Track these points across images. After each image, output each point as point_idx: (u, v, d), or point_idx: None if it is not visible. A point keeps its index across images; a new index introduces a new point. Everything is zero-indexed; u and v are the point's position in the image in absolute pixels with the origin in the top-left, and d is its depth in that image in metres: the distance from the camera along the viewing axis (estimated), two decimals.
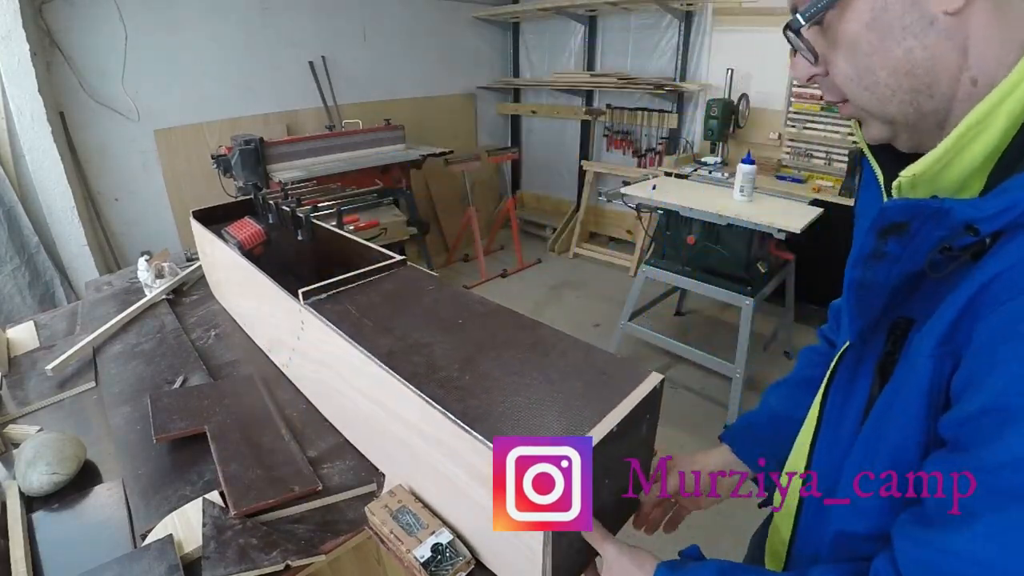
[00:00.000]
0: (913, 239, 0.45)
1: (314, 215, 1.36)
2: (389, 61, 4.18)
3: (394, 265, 1.09)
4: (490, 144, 5.07)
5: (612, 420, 0.64)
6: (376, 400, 0.81)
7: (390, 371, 0.74)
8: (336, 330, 0.87)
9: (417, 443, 0.74)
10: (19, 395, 1.16)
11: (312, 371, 1.02)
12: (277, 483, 0.85)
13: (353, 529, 0.79)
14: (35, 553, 0.77)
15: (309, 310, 0.93)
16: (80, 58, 2.88)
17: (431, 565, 0.68)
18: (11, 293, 2.63)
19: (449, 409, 0.66)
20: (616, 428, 0.63)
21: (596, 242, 4.77)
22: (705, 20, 3.77)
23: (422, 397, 0.69)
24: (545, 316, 3.59)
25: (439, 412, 0.66)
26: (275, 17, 3.53)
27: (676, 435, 2.40)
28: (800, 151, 3.44)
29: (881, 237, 0.47)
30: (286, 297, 0.99)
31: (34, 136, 2.60)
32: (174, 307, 1.49)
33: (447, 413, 0.66)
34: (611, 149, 4.50)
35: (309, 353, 0.98)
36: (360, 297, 0.98)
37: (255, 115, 3.57)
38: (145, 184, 3.25)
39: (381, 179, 3.40)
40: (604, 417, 0.64)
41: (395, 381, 0.73)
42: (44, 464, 0.87)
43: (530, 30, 4.87)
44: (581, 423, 0.63)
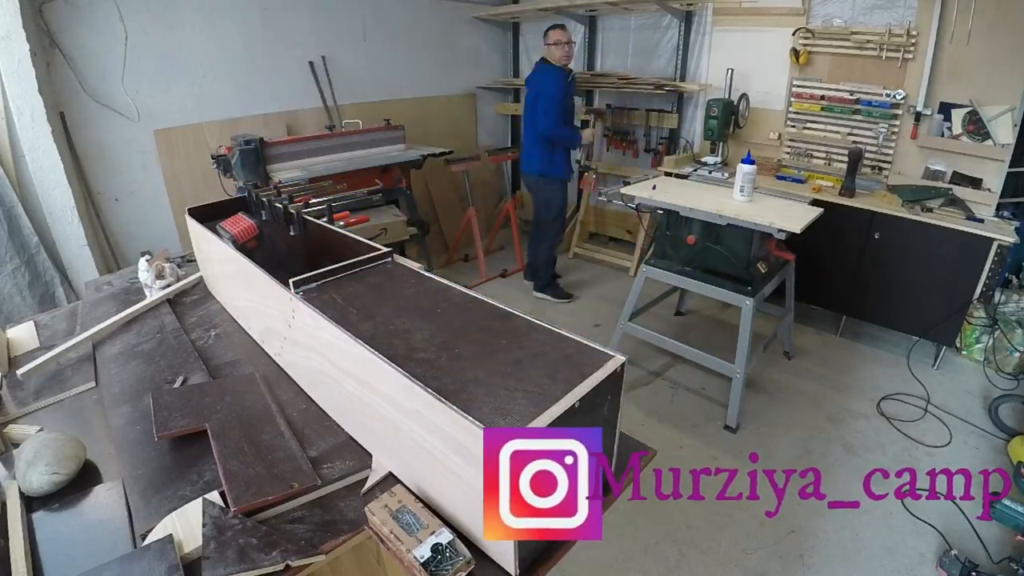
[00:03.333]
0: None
1: (305, 211, 1.40)
2: (389, 61, 4.18)
3: (381, 257, 1.15)
4: (490, 144, 5.07)
5: (574, 396, 0.68)
6: (360, 380, 0.85)
7: (373, 351, 0.79)
8: (324, 316, 0.92)
9: (398, 417, 0.78)
10: (19, 395, 1.15)
11: (302, 357, 1.06)
12: (277, 480, 0.86)
13: (353, 529, 0.79)
14: (35, 553, 0.77)
15: (299, 299, 0.97)
16: (80, 58, 2.88)
17: (431, 565, 0.68)
18: (11, 293, 2.63)
19: (427, 385, 0.71)
20: (578, 404, 0.68)
21: (596, 242, 4.77)
22: (705, 20, 3.77)
23: (402, 374, 0.74)
24: (545, 316, 3.58)
25: (418, 387, 0.71)
26: (275, 17, 3.53)
27: (676, 435, 2.40)
28: (800, 151, 3.44)
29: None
30: (278, 287, 1.03)
31: (34, 136, 2.60)
32: (174, 307, 1.49)
33: (425, 388, 0.70)
34: (611, 149, 4.50)
35: (299, 340, 1.02)
36: (347, 288, 1.03)
37: (255, 115, 3.57)
38: (145, 184, 3.25)
39: (381, 179, 3.40)
40: (567, 394, 0.69)
41: (378, 360, 0.78)
42: (44, 464, 0.87)
43: (530, 30, 4.87)
44: (544, 399, 0.68)
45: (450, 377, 0.73)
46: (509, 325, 0.87)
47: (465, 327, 0.87)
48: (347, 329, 0.87)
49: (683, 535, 1.92)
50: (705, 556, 1.84)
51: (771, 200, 2.63)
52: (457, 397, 0.69)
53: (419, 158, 3.55)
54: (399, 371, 0.73)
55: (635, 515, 2.00)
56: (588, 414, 0.71)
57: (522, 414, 0.65)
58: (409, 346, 0.82)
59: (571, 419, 0.67)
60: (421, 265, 1.12)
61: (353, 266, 1.10)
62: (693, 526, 1.97)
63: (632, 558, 1.85)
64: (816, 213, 2.41)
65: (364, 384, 0.84)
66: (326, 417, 1.02)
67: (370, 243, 1.21)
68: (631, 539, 1.92)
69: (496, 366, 0.76)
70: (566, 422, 0.66)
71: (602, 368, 0.74)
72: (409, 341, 0.83)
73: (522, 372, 0.74)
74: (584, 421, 0.71)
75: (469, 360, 0.78)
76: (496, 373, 0.74)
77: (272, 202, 1.46)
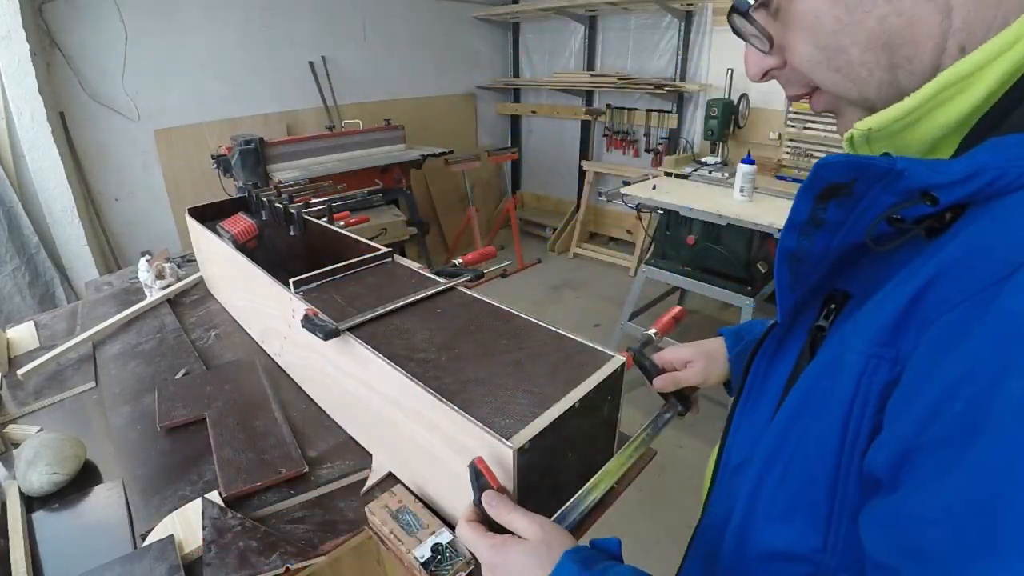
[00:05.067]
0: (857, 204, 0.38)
1: (305, 211, 1.40)
2: (389, 61, 4.18)
3: (381, 257, 1.14)
4: (490, 144, 5.07)
5: (574, 396, 0.68)
6: (361, 380, 0.85)
7: (373, 351, 0.79)
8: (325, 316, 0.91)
9: (398, 417, 0.79)
10: (19, 395, 1.15)
11: (303, 357, 1.06)
12: (265, 466, 0.87)
13: (353, 529, 0.79)
14: (35, 553, 0.77)
15: (300, 299, 0.97)
16: (80, 58, 2.88)
17: (431, 565, 0.68)
18: (11, 293, 2.63)
19: (427, 385, 0.71)
20: (578, 404, 0.67)
21: (596, 242, 4.77)
22: (705, 20, 3.77)
23: (403, 374, 0.74)
24: (545, 316, 3.59)
25: (418, 386, 0.71)
26: (275, 17, 3.53)
27: (676, 435, 2.40)
28: (800, 151, 3.44)
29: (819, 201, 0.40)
30: (278, 287, 1.03)
31: (34, 136, 2.61)
32: (174, 307, 1.49)
33: (426, 387, 0.70)
34: (611, 149, 4.50)
35: (299, 340, 1.02)
36: (347, 287, 1.03)
37: (255, 115, 3.57)
38: (145, 184, 3.25)
39: (381, 179, 3.40)
40: (567, 394, 0.68)
41: (379, 360, 0.78)
42: (44, 464, 0.87)
43: (530, 30, 4.87)
44: (544, 399, 0.68)
45: (450, 377, 0.73)
46: (510, 325, 0.87)
47: (466, 327, 0.87)
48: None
49: (684, 535, 1.92)
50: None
51: (771, 200, 2.63)
52: (458, 397, 0.69)
53: (419, 158, 3.55)
54: (402, 373, 0.74)
55: (635, 515, 2.00)
56: (588, 414, 0.71)
57: (522, 414, 0.65)
58: (409, 346, 0.82)
59: (571, 419, 0.67)
60: (421, 265, 1.12)
61: (353, 266, 1.10)
62: (693, 525, 1.97)
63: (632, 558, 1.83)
64: None
65: (364, 384, 0.85)
66: (326, 417, 1.02)
67: (370, 243, 1.21)
68: (631, 539, 1.92)
69: (496, 366, 0.76)
70: (566, 422, 0.66)
71: (602, 368, 0.74)
72: (410, 341, 0.83)
73: (522, 372, 0.74)
74: (584, 421, 0.71)
75: (469, 360, 0.78)
76: (496, 373, 0.74)
77: (272, 202, 1.46)
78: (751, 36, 0.46)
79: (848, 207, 0.39)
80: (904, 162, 0.35)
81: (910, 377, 0.34)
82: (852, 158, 0.37)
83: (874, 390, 0.37)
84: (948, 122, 0.37)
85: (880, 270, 0.42)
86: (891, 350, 0.36)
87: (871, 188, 0.37)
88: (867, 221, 0.39)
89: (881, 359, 0.37)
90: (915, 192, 0.35)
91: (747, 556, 0.49)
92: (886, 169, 0.36)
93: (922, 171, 0.35)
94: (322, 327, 0.82)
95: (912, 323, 0.35)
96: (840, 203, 0.39)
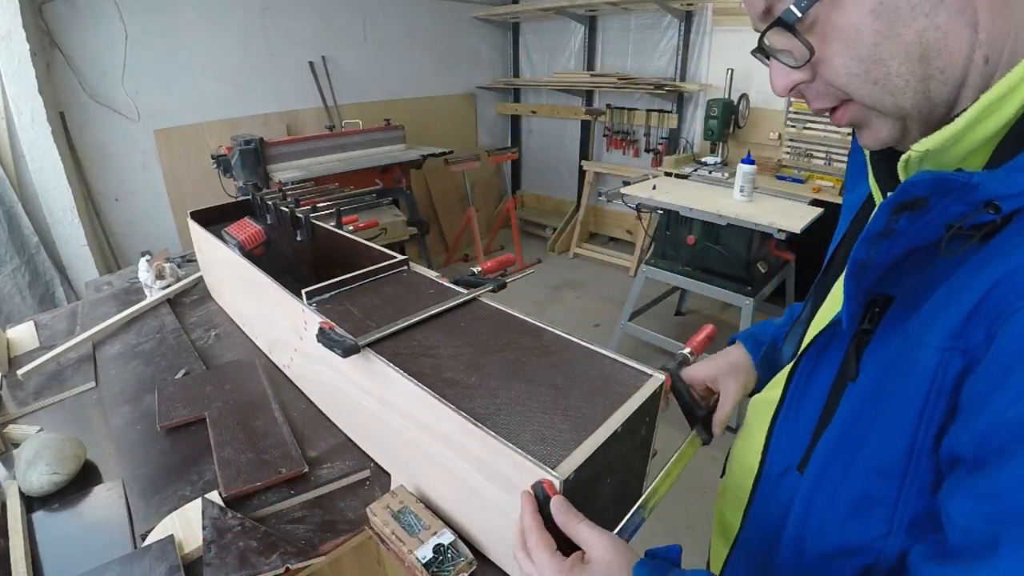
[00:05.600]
0: (926, 215, 0.41)
1: (313, 215, 1.35)
2: (389, 61, 4.18)
3: (397, 265, 1.09)
4: (490, 144, 5.07)
5: (616, 420, 0.65)
6: (380, 397, 0.81)
7: (400, 371, 0.74)
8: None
9: (424, 440, 0.74)
10: (19, 395, 1.15)
11: (315, 371, 1.01)
12: (265, 466, 0.87)
13: (353, 529, 0.79)
14: (35, 553, 0.77)
15: (313, 311, 0.93)
16: (80, 58, 2.88)
17: (432, 566, 0.68)
18: (11, 293, 2.63)
19: (459, 407, 0.66)
20: (620, 429, 0.64)
21: (596, 242, 4.77)
22: (705, 20, 3.77)
23: (432, 395, 0.69)
24: (545, 316, 3.59)
25: (449, 409, 0.66)
26: (275, 17, 3.53)
27: (676, 435, 2.39)
28: (800, 151, 3.44)
29: (895, 213, 0.42)
30: (289, 297, 0.99)
31: (34, 136, 2.60)
32: (174, 307, 1.48)
33: (458, 410, 0.65)
34: (611, 149, 4.50)
35: (313, 353, 0.98)
36: (363, 298, 0.97)
37: (255, 115, 3.57)
38: (145, 184, 3.25)
39: (381, 179, 3.40)
40: (608, 418, 0.65)
41: (404, 380, 0.73)
42: (44, 464, 0.86)
43: (530, 30, 4.87)
44: (585, 423, 0.64)
45: (483, 399, 0.68)
46: (539, 340, 0.82)
47: (492, 343, 0.82)
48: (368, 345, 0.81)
49: (684, 535, 1.92)
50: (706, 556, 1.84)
51: (771, 200, 2.63)
52: (493, 420, 0.64)
53: (419, 158, 3.55)
54: (431, 394, 0.69)
55: None
56: (627, 438, 0.68)
57: (564, 441, 0.61)
58: (435, 364, 0.76)
59: (611, 444, 0.64)
60: (438, 274, 1.07)
61: (368, 275, 1.04)
62: (693, 526, 1.97)
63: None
64: (816, 213, 2.41)
65: (384, 401, 0.80)
66: (326, 417, 1.02)
67: (384, 250, 1.14)
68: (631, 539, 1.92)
69: (528, 386, 0.71)
70: (606, 448, 0.63)
71: (642, 389, 0.71)
72: (435, 358, 0.77)
73: (558, 393, 0.70)
74: (623, 445, 0.68)
75: (500, 379, 0.72)
76: (530, 394, 0.70)
77: (278, 205, 1.41)
78: (780, 52, 0.47)
79: (916, 218, 0.42)
80: (979, 176, 0.39)
81: (992, 362, 0.38)
82: (939, 175, 0.40)
83: (948, 378, 0.41)
84: (984, 137, 0.42)
85: (926, 272, 0.45)
86: (961, 342, 0.40)
87: (942, 200, 0.40)
88: (931, 230, 0.42)
89: (954, 351, 0.41)
90: (981, 202, 0.39)
91: (807, 559, 0.53)
92: (963, 183, 0.39)
93: (995, 184, 0.39)
94: (340, 343, 0.77)
95: (980, 316, 0.39)
96: (913, 215, 0.42)
